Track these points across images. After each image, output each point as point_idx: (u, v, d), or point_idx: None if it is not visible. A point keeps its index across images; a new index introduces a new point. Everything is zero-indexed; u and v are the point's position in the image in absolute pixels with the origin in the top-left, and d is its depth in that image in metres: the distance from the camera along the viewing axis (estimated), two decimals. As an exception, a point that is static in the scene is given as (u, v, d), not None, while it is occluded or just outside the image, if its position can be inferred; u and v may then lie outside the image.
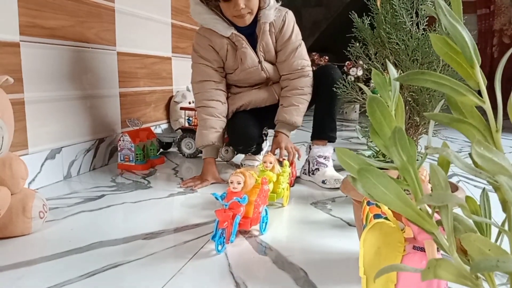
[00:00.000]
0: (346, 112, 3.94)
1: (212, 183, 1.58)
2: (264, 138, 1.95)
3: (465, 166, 0.32)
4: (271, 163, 1.30)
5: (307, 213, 1.28)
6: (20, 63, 1.40)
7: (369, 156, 1.32)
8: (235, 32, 1.56)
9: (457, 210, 0.40)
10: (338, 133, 1.74)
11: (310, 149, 1.70)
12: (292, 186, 1.55)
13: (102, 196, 1.41)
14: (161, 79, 2.40)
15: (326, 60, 3.55)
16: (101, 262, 0.92)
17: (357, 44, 1.47)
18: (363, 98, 1.30)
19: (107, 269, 0.89)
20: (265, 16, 1.55)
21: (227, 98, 1.73)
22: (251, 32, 1.59)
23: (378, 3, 1.04)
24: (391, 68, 0.38)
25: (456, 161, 0.32)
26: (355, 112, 3.86)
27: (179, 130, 2.18)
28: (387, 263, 0.62)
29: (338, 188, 1.52)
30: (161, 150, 2.14)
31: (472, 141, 0.31)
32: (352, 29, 1.40)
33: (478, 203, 0.42)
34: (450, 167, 0.42)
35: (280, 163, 1.41)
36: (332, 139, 1.69)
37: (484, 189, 0.41)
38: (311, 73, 1.65)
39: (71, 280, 0.84)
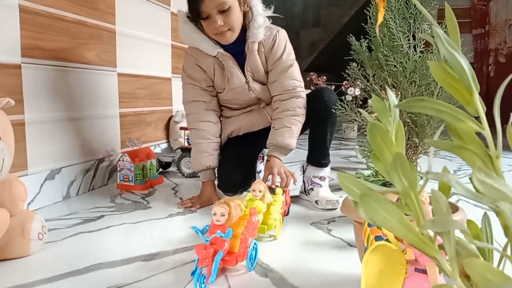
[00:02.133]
0: (344, 131, 3.95)
1: (210, 204, 1.53)
2: (261, 161, 1.90)
3: (466, 191, 0.33)
4: (260, 191, 1.20)
5: (307, 233, 1.28)
6: (21, 85, 1.41)
7: (368, 176, 1.32)
8: (221, 51, 1.52)
9: (459, 233, 0.40)
10: (337, 152, 1.76)
11: (305, 169, 1.67)
12: (287, 215, 1.43)
13: (101, 216, 1.41)
14: (161, 99, 2.42)
15: (324, 80, 3.58)
16: (100, 284, 0.91)
17: (354, 65, 1.49)
18: (361, 120, 1.31)
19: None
20: (253, 35, 1.50)
21: (220, 121, 1.70)
22: (239, 51, 1.55)
23: (377, 30, 1.06)
24: (390, 94, 0.38)
25: (458, 187, 0.32)
26: (354, 131, 3.87)
27: (179, 150, 2.18)
28: (390, 286, 0.62)
29: (330, 209, 1.50)
30: (161, 169, 2.14)
31: (473, 168, 0.31)
32: (350, 51, 1.42)
33: (480, 226, 0.42)
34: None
35: (272, 191, 1.31)
36: (324, 166, 1.63)
37: (485, 213, 0.42)
38: (303, 94, 1.59)
39: (70, 303, 0.83)
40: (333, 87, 3.56)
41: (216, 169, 1.61)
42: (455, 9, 4.86)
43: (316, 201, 1.54)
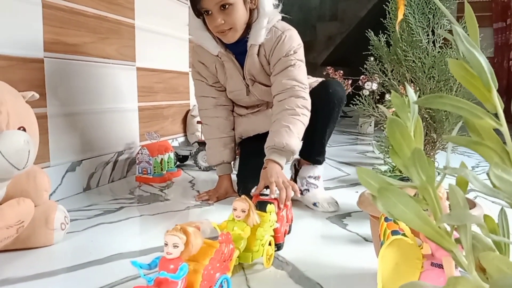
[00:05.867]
0: (361, 126, 3.94)
1: (227, 197, 1.55)
2: None
3: (483, 186, 0.33)
4: (243, 210, 0.94)
5: (323, 227, 1.29)
6: (44, 79, 1.44)
7: (385, 171, 1.32)
8: (223, 51, 1.44)
9: (475, 228, 0.41)
10: (353, 147, 1.74)
11: (296, 167, 1.59)
12: (289, 233, 1.21)
13: (121, 208, 1.44)
14: (179, 94, 2.44)
15: (341, 74, 3.57)
16: (121, 273, 0.94)
17: (372, 59, 1.48)
18: (379, 115, 1.31)
19: (127, 281, 0.91)
20: (253, 37, 1.39)
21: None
22: (243, 51, 1.44)
23: (397, 27, 1.05)
24: (410, 90, 0.39)
25: (475, 182, 0.33)
26: (370, 126, 3.85)
27: (196, 143, 2.21)
28: (405, 280, 0.63)
29: (332, 212, 1.40)
30: (178, 163, 2.17)
31: (490, 163, 0.32)
32: (368, 46, 1.41)
33: (496, 221, 0.43)
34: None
35: (263, 207, 1.04)
36: (318, 163, 1.53)
37: (502, 208, 0.42)
38: (304, 94, 1.38)
39: (93, 291, 0.86)
40: (350, 81, 3.55)
41: (232, 163, 1.60)
42: (475, 2, 4.78)
43: (314, 204, 1.44)
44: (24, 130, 0.99)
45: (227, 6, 1.29)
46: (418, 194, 0.41)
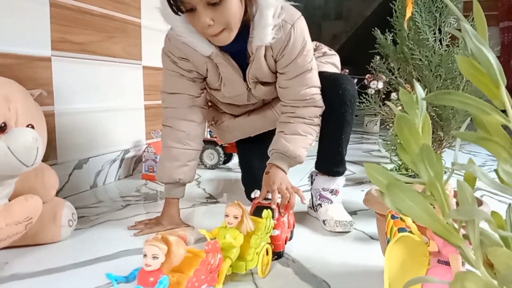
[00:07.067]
0: (366, 125, 3.93)
1: (167, 229, 1.20)
2: None
3: (491, 182, 0.34)
4: (236, 217, 0.88)
5: (329, 225, 1.29)
6: (51, 77, 1.46)
7: (391, 170, 1.32)
8: (217, 51, 1.14)
9: (482, 225, 0.41)
10: (358, 146, 1.72)
11: (313, 179, 1.36)
12: (290, 239, 1.14)
13: (127, 205, 1.45)
14: (184, 92, 2.45)
15: (347, 73, 3.56)
16: (128, 270, 0.94)
17: (377, 58, 1.48)
18: (386, 113, 1.31)
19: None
20: (259, 37, 1.09)
21: (222, 123, 1.44)
22: (241, 50, 1.15)
23: (405, 25, 1.05)
24: (418, 87, 0.39)
25: (483, 178, 0.33)
26: (376, 125, 3.85)
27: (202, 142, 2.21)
28: (412, 277, 0.63)
29: (340, 233, 1.21)
30: (183, 161, 2.17)
31: (498, 159, 0.32)
32: (375, 45, 1.41)
33: (504, 218, 0.43)
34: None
35: (259, 212, 0.98)
36: (337, 175, 1.31)
37: (510, 204, 0.43)
38: (322, 102, 1.23)
39: (100, 287, 0.87)
40: (355, 81, 3.54)
41: (186, 184, 1.28)
42: (481, 1, 4.75)
43: (323, 221, 1.24)
44: (33, 127, 1.00)
45: (217, 1, 0.97)
46: (425, 190, 0.42)
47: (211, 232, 0.89)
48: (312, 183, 1.36)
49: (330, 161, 1.30)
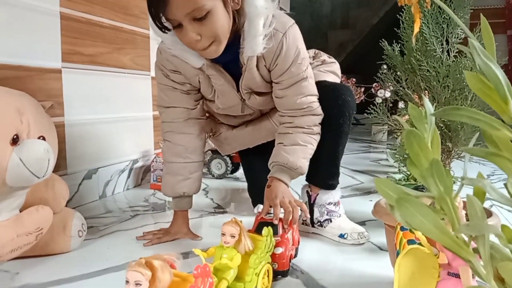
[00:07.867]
0: (374, 134, 3.93)
1: (176, 238, 1.23)
2: None
3: (500, 197, 0.34)
4: (233, 236, 0.82)
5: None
6: (62, 88, 1.47)
7: (399, 179, 1.32)
8: (208, 62, 1.13)
9: (492, 237, 0.41)
10: (366, 155, 1.71)
11: (308, 193, 1.31)
12: (295, 257, 1.10)
13: (136, 215, 1.46)
14: (192, 102, 2.46)
15: (354, 82, 3.57)
16: (138, 281, 0.95)
17: (384, 67, 1.48)
18: (394, 124, 1.31)
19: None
20: (250, 47, 1.08)
21: (219, 134, 1.43)
22: (233, 59, 1.13)
23: (414, 39, 1.06)
24: (427, 102, 0.40)
25: (492, 192, 0.33)
26: (384, 134, 3.84)
27: (209, 151, 2.22)
28: (422, 289, 0.63)
29: (361, 244, 1.21)
30: (191, 171, 2.18)
31: (508, 174, 0.33)
32: (380, 53, 1.41)
33: (514, 231, 0.43)
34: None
35: (261, 229, 0.93)
36: (331, 188, 1.29)
37: (520, 218, 0.43)
38: (320, 109, 1.20)
39: (110, 298, 0.88)
40: (363, 89, 3.55)
41: (192, 196, 1.29)
42: (489, 9, 4.74)
43: (341, 235, 1.22)
44: (44, 139, 1.01)
45: (203, 15, 0.96)
46: (433, 202, 0.42)
47: (207, 252, 0.83)
48: (309, 197, 1.31)
49: (325, 173, 1.28)
